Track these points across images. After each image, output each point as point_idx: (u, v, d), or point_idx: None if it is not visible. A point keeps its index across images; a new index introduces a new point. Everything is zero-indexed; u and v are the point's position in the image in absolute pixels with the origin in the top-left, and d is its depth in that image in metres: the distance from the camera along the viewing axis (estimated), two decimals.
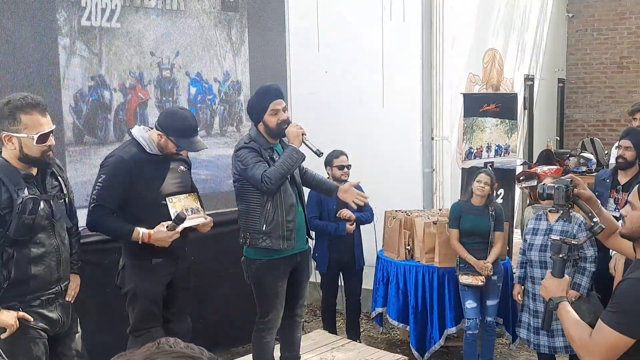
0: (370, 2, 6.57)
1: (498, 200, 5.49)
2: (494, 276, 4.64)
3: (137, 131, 3.55)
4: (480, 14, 7.59)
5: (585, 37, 10.17)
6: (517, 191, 7.23)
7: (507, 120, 5.97)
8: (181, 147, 3.55)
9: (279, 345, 4.12)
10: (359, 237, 5.20)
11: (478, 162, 5.78)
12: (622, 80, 9.97)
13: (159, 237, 3.39)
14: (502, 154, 6.00)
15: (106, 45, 4.21)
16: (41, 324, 2.99)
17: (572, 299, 4.25)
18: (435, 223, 4.98)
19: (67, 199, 3.17)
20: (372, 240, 5.42)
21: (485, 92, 7.34)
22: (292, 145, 3.65)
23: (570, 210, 3.73)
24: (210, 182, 4.86)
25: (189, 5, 4.67)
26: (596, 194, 4.79)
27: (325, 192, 4.27)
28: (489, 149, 5.93)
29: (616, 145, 5.36)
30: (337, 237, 5.05)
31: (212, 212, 3.98)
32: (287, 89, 5.14)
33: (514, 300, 4.75)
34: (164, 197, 3.49)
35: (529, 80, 8.95)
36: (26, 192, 2.90)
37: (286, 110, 3.79)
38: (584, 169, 8.29)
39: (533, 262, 4.39)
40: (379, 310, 5.27)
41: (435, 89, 6.68)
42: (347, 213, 5.01)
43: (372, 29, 6.52)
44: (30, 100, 2.91)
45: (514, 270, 4.84)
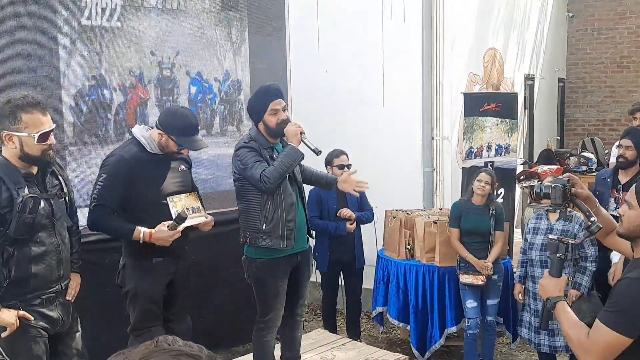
0: (371, 1, 6.57)
1: (498, 199, 5.48)
2: (495, 275, 4.64)
3: (138, 130, 3.55)
4: (481, 13, 7.58)
5: (585, 37, 10.17)
6: (518, 191, 7.22)
7: (507, 120, 5.96)
8: (182, 146, 3.55)
9: (279, 344, 4.12)
10: (360, 237, 5.20)
11: (478, 162, 5.77)
12: (622, 80, 9.97)
13: (160, 237, 3.39)
14: (503, 154, 5.99)
15: (106, 44, 4.22)
16: (41, 323, 2.99)
17: (573, 298, 4.25)
18: (435, 222, 4.98)
19: (67, 198, 3.17)
20: (372, 239, 5.42)
21: (485, 91, 7.33)
22: (291, 144, 3.65)
23: (571, 210, 3.75)
24: (210, 181, 4.87)
25: (189, 5, 4.67)
26: (597, 193, 4.81)
27: (325, 186, 4.28)
28: (489, 148, 5.92)
29: (617, 144, 5.36)
30: (338, 237, 5.04)
31: (212, 211, 3.97)
32: (287, 89, 5.14)
33: (514, 299, 4.76)
34: (165, 196, 3.49)
35: (529, 79, 8.94)
36: (26, 191, 2.90)
37: (286, 110, 3.79)
38: (584, 168, 8.30)
39: (534, 262, 4.39)
40: (380, 309, 5.27)
41: (436, 88, 6.68)
42: (347, 212, 5.01)
43: (373, 29, 6.52)
44: (31, 99, 2.91)
45: (514, 270, 4.85)
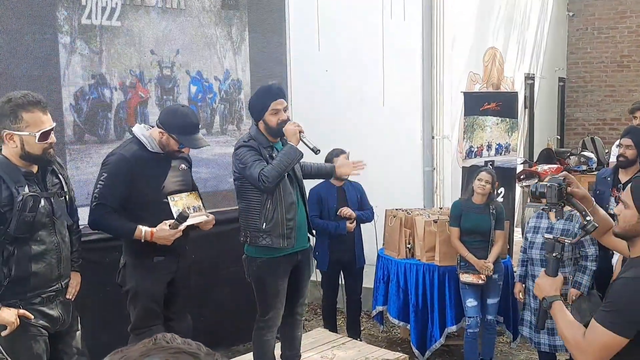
0: (371, 0, 6.57)
1: (498, 199, 5.48)
2: (495, 275, 4.64)
3: (138, 129, 3.55)
4: (481, 12, 7.58)
5: (585, 36, 10.16)
6: (518, 190, 7.22)
7: (507, 119, 5.95)
8: (183, 145, 3.55)
9: (279, 343, 4.12)
10: (360, 236, 5.20)
11: (478, 161, 5.77)
12: (622, 79, 9.96)
13: (162, 236, 3.39)
14: (503, 153, 5.99)
15: (106, 43, 4.22)
16: (42, 322, 2.99)
17: (573, 297, 4.25)
18: (435, 222, 4.98)
19: (67, 197, 3.17)
20: (372, 238, 5.42)
21: (485, 90, 7.33)
22: (290, 143, 3.65)
23: (571, 210, 3.74)
24: (210, 180, 4.87)
25: (190, 4, 4.67)
26: (597, 192, 4.81)
27: (325, 175, 4.37)
28: (489, 147, 5.92)
29: (617, 143, 5.36)
30: (338, 236, 5.04)
31: (213, 210, 3.98)
32: (287, 88, 5.14)
33: (514, 298, 4.76)
34: (166, 195, 3.49)
35: (529, 79, 8.94)
36: (27, 189, 2.90)
37: (287, 110, 3.79)
38: (584, 167, 8.30)
39: (534, 261, 4.39)
40: (380, 308, 5.27)
41: (436, 87, 6.68)
42: (347, 211, 5.01)
43: (373, 28, 6.51)
44: (31, 98, 2.91)
45: (514, 269, 4.85)
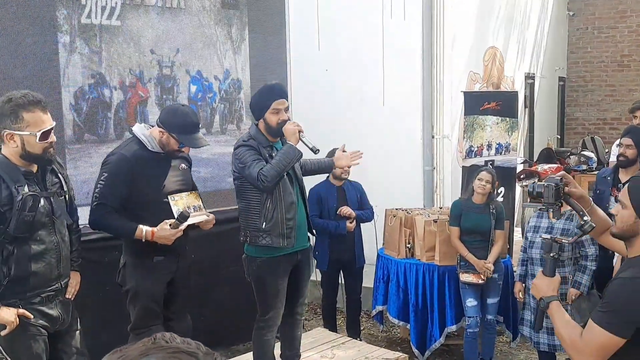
0: (371, 0, 6.56)
1: (498, 198, 5.48)
2: (495, 274, 4.64)
3: (139, 129, 3.55)
4: (481, 12, 7.58)
5: (586, 36, 10.15)
6: (518, 190, 7.22)
7: (507, 119, 5.95)
8: (183, 144, 3.55)
9: (279, 343, 4.12)
10: (360, 236, 5.20)
11: (478, 161, 5.77)
12: (622, 79, 9.95)
13: (163, 235, 3.39)
14: (503, 152, 5.98)
15: (106, 43, 4.22)
16: (41, 321, 2.99)
17: (573, 297, 4.25)
18: (435, 221, 4.98)
19: (67, 196, 3.17)
20: (372, 238, 5.42)
21: (485, 90, 7.33)
22: (289, 142, 3.65)
23: (572, 209, 3.74)
24: (210, 180, 4.87)
25: (189, 3, 4.66)
26: (598, 192, 4.81)
27: (326, 170, 4.37)
28: (489, 147, 5.91)
29: (617, 143, 5.35)
30: (338, 236, 5.04)
31: (212, 210, 3.98)
32: (287, 87, 5.13)
33: (514, 298, 4.76)
34: (166, 195, 3.49)
35: (529, 78, 8.93)
36: (26, 189, 2.90)
37: (288, 110, 3.79)
38: (584, 167, 8.30)
39: (534, 260, 4.38)
40: (380, 308, 5.27)
41: (436, 87, 6.68)
42: (347, 210, 5.01)
43: (373, 27, 6.51)
44: (32, 97, 2.91)
45: (514, 269, 4.85)
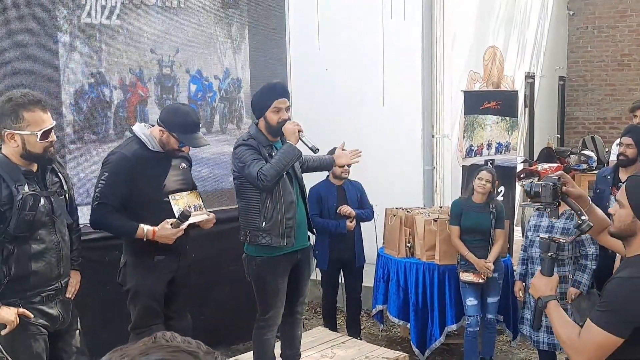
0: (371, 0, 6.55)
1: (498, 197, 5.48)
2: (495, 273, 4.64)
3: (139, 128, 3.55)
4: (481, 11, 7.58)
5: (586, 35, 10.15)
6: (518, 189, 7.22)
7: (507, 118, 5.95)
8: (183, 143, 3.55)
9: (279, 342, 4.12)
10: (360, 235, 5.20)
11: (479, 160, 5.78)
12: (623, 78, 9.95)
13: (164, 234, 3.39)
14: (503, 152, 5.99)
15: (106, 42, 4.22)
16: (41, 321, 2.99)
17: (573, 296, 4.25)
18: (435, 220, 4.98)
19: (67, 196, 3.17)
20: (372, 237, 5.42)
21: (485, 89, 7.33)
22: (289, 142, 3.64)
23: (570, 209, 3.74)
24: (210, 179, 4.87)
25: (189, 2, 4.66)
26: (598, 191, 4.81)
27: (327, 167, 4.37)
28: (489, 146, 5.92)
29: (617, 142, 5.35)
30: (338, 235, 5.04)
31: (212, 209, 3.97)
32: (287, 87, 5.14)
33: (514, 297, 4.76)
34: (167, 194, 3.49)
35: (529, 77, 8.93)
36: (26, 188, 2.90)
37: (289, 110, 3.79)
38: (584, 166, 8.30)
39: (534, 259, 4.38)
40: (380, 307, 5.27)
41: (436, 86, 6.68)
42: (346, 209, 5.01)
43: (373, 27, 6.51)
44: (32, 97, 2.91)
45: (514, 268, 4.85)
